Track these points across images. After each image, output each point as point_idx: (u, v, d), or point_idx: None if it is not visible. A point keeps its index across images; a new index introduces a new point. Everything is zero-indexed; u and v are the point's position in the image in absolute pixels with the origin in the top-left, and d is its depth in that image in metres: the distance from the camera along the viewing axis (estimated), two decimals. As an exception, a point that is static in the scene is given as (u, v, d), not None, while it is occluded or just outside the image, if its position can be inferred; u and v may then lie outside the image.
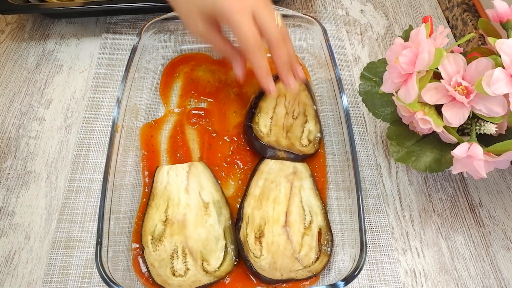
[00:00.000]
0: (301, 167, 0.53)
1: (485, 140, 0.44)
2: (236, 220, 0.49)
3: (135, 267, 0.47)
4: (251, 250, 0.47)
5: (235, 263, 0.47)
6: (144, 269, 0.47)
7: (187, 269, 0.46)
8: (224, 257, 0.47)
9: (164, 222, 0.48)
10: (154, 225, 0.48)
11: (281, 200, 0.50)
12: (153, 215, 0.49)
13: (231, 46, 0.52)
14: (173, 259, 0.46)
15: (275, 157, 0.54)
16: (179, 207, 0.49)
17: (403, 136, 0.50)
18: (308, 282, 0.46)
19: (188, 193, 0.50)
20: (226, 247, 0.48)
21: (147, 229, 0.48)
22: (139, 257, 0.47)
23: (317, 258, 0.47)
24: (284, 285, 0.46)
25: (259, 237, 0.48)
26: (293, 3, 0.75)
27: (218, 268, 0.46)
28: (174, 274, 0.46)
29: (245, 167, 0.55)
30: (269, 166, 0.53)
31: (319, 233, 0.49)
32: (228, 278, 0.47)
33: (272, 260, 0.47)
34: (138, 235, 0.48)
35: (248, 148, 0.56)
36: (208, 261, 0.47)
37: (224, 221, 0.49)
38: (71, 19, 0.72)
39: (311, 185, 0.52)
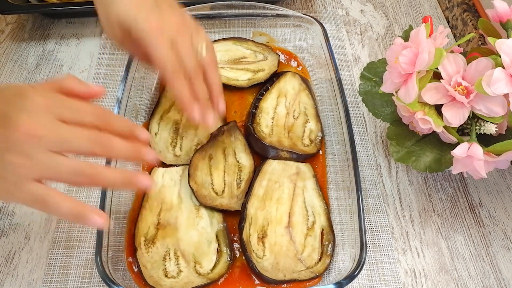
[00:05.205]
0: (304, 167, 0.53)
1: (485, 140, 0.44)
2: (239, 220, 0.49)
3: (129, 268, 0.47)
4: (253, 250, 0.47)
5: (229, 269, 0.47)
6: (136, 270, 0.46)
7: (180, 271, 0.46)
8: (217, 260, 0.47)
9: (157, 225, 0.48)
10: (147, 226, 0.48)
11: (284, 200, 0.50)
12: (146, 217, 0.49)
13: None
14: (165, 261, 0.46)
15: (277, 157, 0.54)
16: (172, 209, 0.49)
17: (403, 136, 0.50)
18: (310, 283, 0.46)
19: (180, 196, 0.50)
20: (219, 250, 0.47)
21: (140, 231, 0.48)
22: (131, 257, 0.47)
23: (320, 259, 0.47)
24: (287, 285, 0.46)
25: (262, 237, 0.48)
26: (293, 3, 0.75)
27: (211, 270, 0.46)
28: (166, 276, 0.45)
29: (246, 167, 0.55)
30: (272, 166, 0.53)
31: (322, 233, 0.49)
32: (229, 278, 0.46)
33: (274, 260, 0.46)
34: (131, 235, 0.48)
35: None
36: (201, 264, 0.46)
37: (216, 224, 0.49)
38: (71, 19, 0.72)
39: (314, 185, 0.52)
